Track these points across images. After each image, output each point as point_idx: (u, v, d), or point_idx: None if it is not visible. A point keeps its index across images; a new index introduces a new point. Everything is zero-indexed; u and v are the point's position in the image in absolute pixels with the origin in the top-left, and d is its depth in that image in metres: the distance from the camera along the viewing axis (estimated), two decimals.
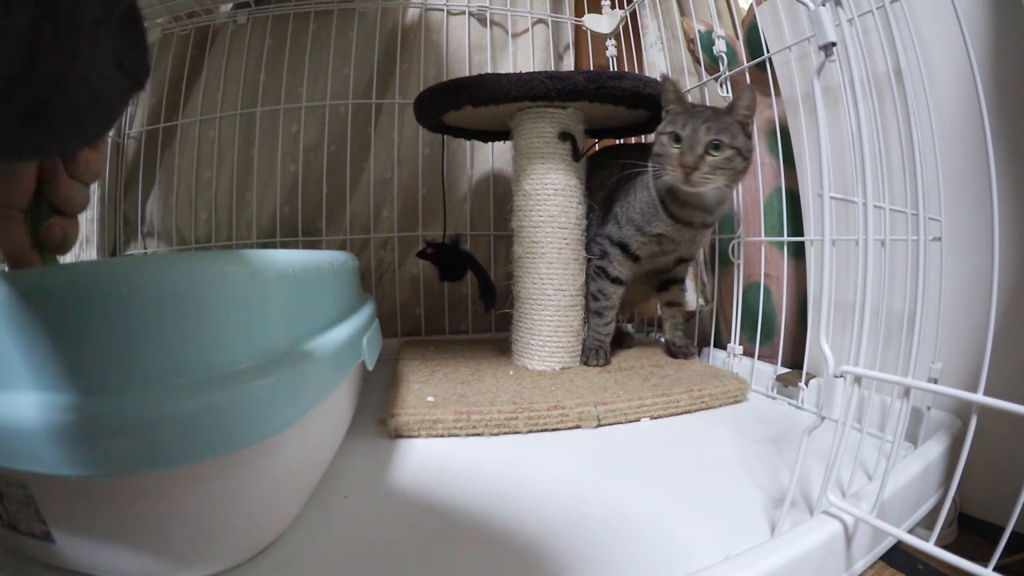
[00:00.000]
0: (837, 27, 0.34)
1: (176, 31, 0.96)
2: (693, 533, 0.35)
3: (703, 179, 0.59)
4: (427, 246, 0.77)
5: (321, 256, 0.42)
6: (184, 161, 0.95)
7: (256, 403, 0.26)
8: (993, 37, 0.46)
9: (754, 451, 0.49)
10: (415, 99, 0.72)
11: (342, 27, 0.95)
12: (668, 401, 0.58)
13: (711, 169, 0.59)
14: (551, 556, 0.33)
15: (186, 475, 0.25)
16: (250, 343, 0.28)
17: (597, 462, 0.47)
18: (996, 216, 0.34)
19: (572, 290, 0.69)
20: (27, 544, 0.28)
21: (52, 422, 0.22)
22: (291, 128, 0.94)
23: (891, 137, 0.47)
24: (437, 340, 0.94)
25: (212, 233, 0.94)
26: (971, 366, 0.46)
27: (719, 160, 0.59)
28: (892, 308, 0.43)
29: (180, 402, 0.24)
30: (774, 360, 0.67)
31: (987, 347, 0.32)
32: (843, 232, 0.57)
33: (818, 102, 0.34)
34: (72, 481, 0.24)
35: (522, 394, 0.57)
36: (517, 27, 1.03)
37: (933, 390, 0.33)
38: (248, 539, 0.31)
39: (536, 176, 0.68)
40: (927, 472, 0.41)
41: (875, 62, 0.51)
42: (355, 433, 0.52)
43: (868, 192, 0.34)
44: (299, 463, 0.35)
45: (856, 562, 0.35)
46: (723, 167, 0.59)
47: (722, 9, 1.04)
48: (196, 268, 0.26)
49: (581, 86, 0.61)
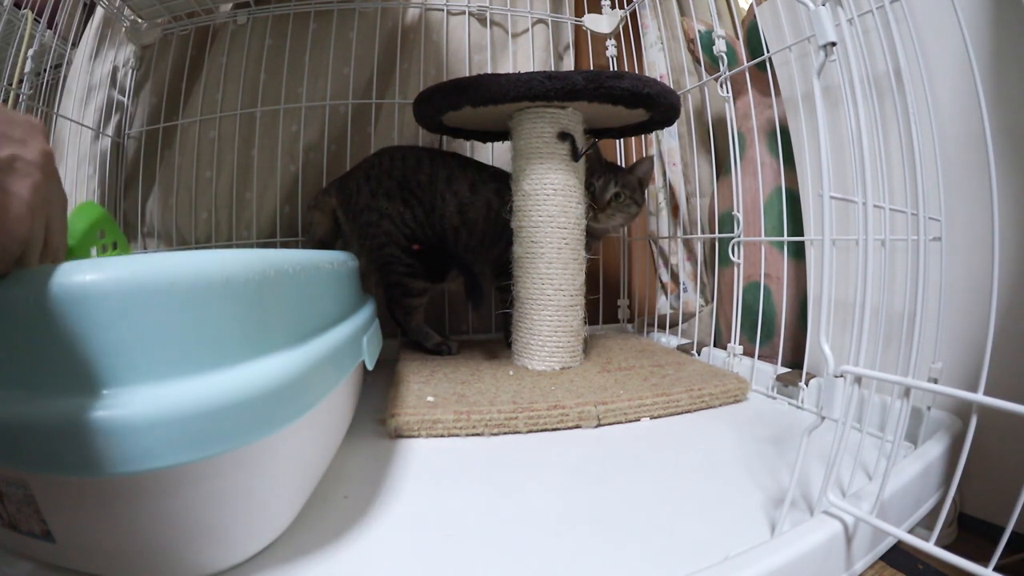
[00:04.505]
0: (837, 27, 0.34)
1: (176, 31, 0.96)
2: (693, 533, 0.35)
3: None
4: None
5: (321, 256, 0.42)
6: (184, 161, 0.95)
7: (256, 402, 0.26)
8: (993, 37, 0.46)
9: (754, 451, 0.49)
10: (415, 99, 0.72)
11: (342, 27, 0.95)
12: (668, 401, 0.58)
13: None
14: (551, 556, 0.33)
15: (186, 474, 0.25)
16: (250, 342, 0.28)
17: (597, 462, 0.47)
18: (996, 216, 0.34)
19: (572, 290, 0.69)
20: (27, 544, 0.28)
21: (52, 422, 0.22)
22: (291, 128, 0.94)
23: (891, 137, 0.47)
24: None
25: (212, 233, 0.94)
26: (971, 366, 0.46)
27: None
28: (892, 308, 0.43)
29: (179, 401, 0.24)
30: (774, 360, 0.67)
31: (987, 347, 0.32)
32: (843, 232, 0.57)
33: (818, 102, 0.34)
34: (72, 481, 0.24)
35: (522, 394, 0.57)
36: (517, 27, 1.03)
37: (933, 390, 0.33)
38: (248, 539, 0.31)
39: (535, 176, 0.68)
40: (927, 472, 0.41)
41: (875, 62, 0.51)
42: (355, 433, 0.52)
43: (868, 192, 0.34)
44: (299, 463, 0.35)
45: (856, 562, 0.35)
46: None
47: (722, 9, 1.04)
48: (195, 267, 0.26)
49: (580, 86, 0.61)
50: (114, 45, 0.98)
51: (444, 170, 0.78)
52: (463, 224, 0.78)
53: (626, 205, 0.78)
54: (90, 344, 0.24)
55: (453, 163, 0.80)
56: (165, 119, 0.95)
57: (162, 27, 0.96)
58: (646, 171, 0.82)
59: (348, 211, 0.78)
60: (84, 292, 0.24)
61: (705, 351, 0.80)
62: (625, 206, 0.78)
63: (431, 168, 0.78)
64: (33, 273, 0.24)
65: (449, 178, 0.78)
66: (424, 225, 0.77)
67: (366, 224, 0.76)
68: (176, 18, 0.95)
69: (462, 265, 0.76)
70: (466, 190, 0.78)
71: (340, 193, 0.79)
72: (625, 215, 0.79)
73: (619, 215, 0.78)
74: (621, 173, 0.79)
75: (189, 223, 0.95)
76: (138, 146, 0.97)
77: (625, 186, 0.77)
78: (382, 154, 0.79)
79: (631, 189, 0.78)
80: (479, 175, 0.79)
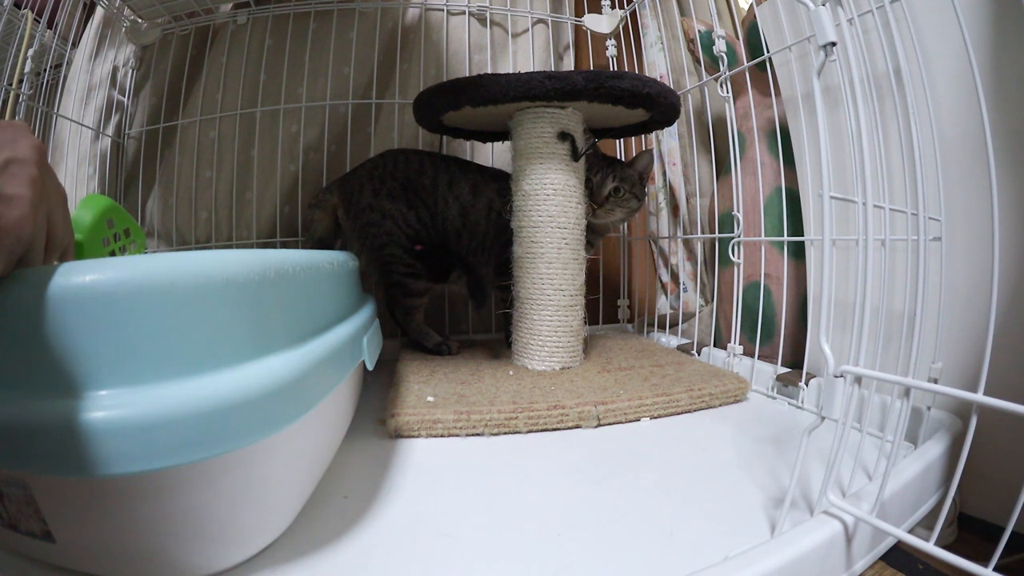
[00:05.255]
0: (837, 27, 0.34)
1: (176, 31, 0.96)
2: (693, 533, 0.35)
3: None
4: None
5: (321, 256, 0.42)
6: (184, 161, 0.95)
7: (255, 403, 0.26)
8: (993, 37, 0.46)
9: (754, 451, 0.49)
10: (415, 99, 0.72)
11: (342, 27, 0.95)
12: (668, 401, 0.58)
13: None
14: (551, 556, 0.33)
15: (186, 475, 0.25)
16: (250, 343, 0.28)
17: (597, 462, 0.47)
18: (996, 216, 0.34)
19: (572, 290, 0.69)
20: (27, 544, 0.28)
21: (53, 422, 0.22)
22: (291, 128, 0.94)
23: (891, 137, 0.47)
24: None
25: (212, 233, 0.94)
26: (971, 366, 0.46)
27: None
28: (892, 308, 0.43)
29: (179, 402, 0.24)
30: (774, 360, 0.67)
31: (987, 347, 0.32)
32: (843, 232, 0.57)
33: (818, 102, 0.34)
34: (72, 481, 0.25)
35: (522, 394, 0.57)
36: (517, 27, 1.03)
37: (933, 390, 0.33)
38: (248, 539, 0.31)
39: (535, 176, 0.68)
40: (927, 472, 0.41)
41: (875, 62, 0.51)
42: (355, 433, 0.52)
43: (868, 192, 0.34)
44: (299, 463, 0.35)
45: (856, 562, 0.35)
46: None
47: (722, 9, 1.04)
48: (195, 268, 0.26)
49: (580, 86, 0.61)
50: (114, 45, 0.98)
51: (446, 174, 0.78)
52: (465, 227, 0.78)
53: (626, 200, 0.76)
54: (90, 344, 0.24)
55: (455, 167, 0.80)
56: (165, 119, 0.95)
57: (162, 27, 0.96)
58: (646, 164, 0.80)
59: (349, 210, 0.78)
60: (84, 293, 0.24)
61: (705, 351, 0.80)
62: (625, 201, 0.76)
63: (433, 172, 0.78)
64: (34, 273, 0.24)
65: (451, 182, 0.78)
66: (428, 227, 0.77)
67: (368, 224, 0.76)
68: (176, 18, 0.95)
69: (466, 266, 0.76)
70: (468, 193, 0.78)
71: (342, 192, 0.79)
72: (625, 210, 0.77)
73: (619, 210, 0.77)
74: (620, 167, 0.77)
75: (189, 223, 0.95)
76: (138, 146, 0.97)
77: (624, 180, 0.76)
78: (385, 156, 0.79)
79: (631, 183, 0.76)
80: (480, 176, 0.79)
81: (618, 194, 0.76)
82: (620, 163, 0.79)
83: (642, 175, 0.79)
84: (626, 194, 0.76)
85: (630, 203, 0.77)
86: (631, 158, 0.82)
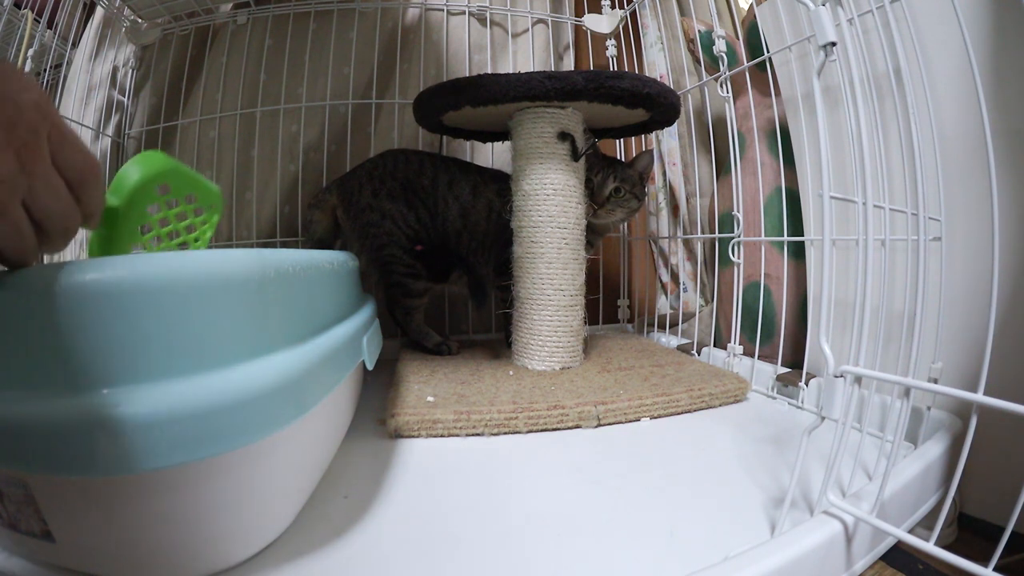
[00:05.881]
0: (837, 27, 0.34)
1: (176, 31, 0.96)
2: (693, 533, 0.35)
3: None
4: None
5: (321, 256, 0.42)
6: (184, 161, 0.94)
7: (255, 402, 0.26)
8: (993, 37, 0.46)
9: (754, 451, 0.49)
10: (415, 99, 0.72)
11: (342, 27, 0.95)
12: (668, 401, 0.58)
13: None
14: (550, 556, 0.33)
15: (186, 474, 0.25)
16: (250, 342, 0.28)
17: (597, 462, 0.47)
18: (996, 216, 0.34)
19: (572, 290, 0.69)
20: (27, 544, 0.28)
21: (52, 422, 0.22)
22: (291, 128, 0.94)
23: (891, 137, 0.47)
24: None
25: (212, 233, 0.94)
26: (971, 366, 0.46)
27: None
28: (892, 308, 0.43)
29: (179, 401, 0.24)
30: (774, 360, 0.67)
31: (987, 347, 0.32)
32: (843, 232, 0.57)
33: (818, 102, 0.34)
34: (72, 481, 0.24)
35: (522, 394, 0.57)
36: (517, 27, 1.03)
37: (933, 390, 0.33)
38: (248, 539, 0.31)
39: (535, 176, 0.67)
40: (927, 472, 0.41)
41: (875, 62, 0.51)
42: (355, 433, 0.52)
43: (868, 192, 0.34)
44: (299, 462, 0.35)
45: (856, 562, 0.35)
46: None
47: (722, 9, 1.04)
48: (195, 267, 0.26)
49: (580, 86, 0.61)
50: (114, 45, 0.98)
51: (446, 174, 0.78)
52: (465, 227, 0.78)
53: (626, 200, 0.77)
54: (90, 344, 0.24)
55: (455, 167, 0.80)
56: (165, 119, 0.95)
57: (162, 27, 0.96)
58: (646, 164, 0.80)
59: (349, 210, 0.78)
60: (84, 291, 0.24)
61: (705, 351, 0.80)
62: (625, 201, 0.77)
63: (433, 172, 0.78)
64: (34, 272, 0.24)
65: (451, 182, 0.78)
66: (427, 227, 0.77)
67: (368, 224, 0.76)
68: (176, 18, 0.95)
69: (466, 266, 0.76)
70: (468, 194, 0.78)
71: (341, 192, 0.79)
72: (625, 210, 0.78)
73: (619, 211, 0.77)
74: (620, 167, 0.77)
75: None
76: (138, 146, 0.97)
77: (625, 180, 0.76)
78: (385, 156, 0.79)
79: (631, 183, 0.77)
80: (480, 177, 0.79)
81: (619, 194, 0.76)
82: (620, 163, 0.79)
83: (642, 175, 0.80)
84: (627, 194, 0.77)
85: (630, 203, 0.78)
86: (631, 158, 0.82)
